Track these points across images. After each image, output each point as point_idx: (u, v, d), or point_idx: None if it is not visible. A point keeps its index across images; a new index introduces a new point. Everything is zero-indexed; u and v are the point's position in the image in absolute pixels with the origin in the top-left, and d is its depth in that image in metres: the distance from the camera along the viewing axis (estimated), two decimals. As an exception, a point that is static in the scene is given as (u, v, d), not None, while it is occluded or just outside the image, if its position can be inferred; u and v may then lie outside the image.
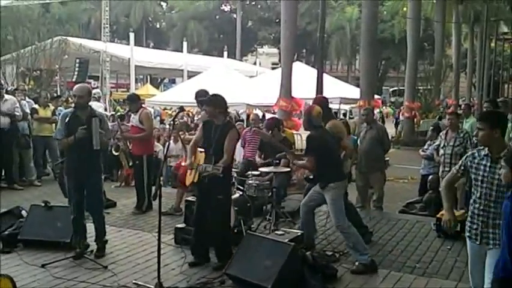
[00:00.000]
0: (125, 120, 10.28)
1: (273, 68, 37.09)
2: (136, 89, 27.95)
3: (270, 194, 6.96)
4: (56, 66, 20.77)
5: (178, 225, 6.49)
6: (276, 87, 14.51)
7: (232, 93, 14.72)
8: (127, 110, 10.79)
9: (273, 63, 51.21)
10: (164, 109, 23.91)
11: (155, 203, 7.78)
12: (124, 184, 10.19)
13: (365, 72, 17.15)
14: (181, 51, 32.04)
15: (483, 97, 28.18)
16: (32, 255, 5.87)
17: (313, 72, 15.50)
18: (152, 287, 4.90)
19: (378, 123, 9.44)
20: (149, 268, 5.51)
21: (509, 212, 3.24)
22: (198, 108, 8.47)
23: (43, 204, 6.47)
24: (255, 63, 43.39)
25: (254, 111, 17.17)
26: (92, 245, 6.03)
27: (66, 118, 5.79)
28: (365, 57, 17.29)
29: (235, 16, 52.41)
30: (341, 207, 5.67)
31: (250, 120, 10.95)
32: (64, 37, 23.43)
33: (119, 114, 13.28)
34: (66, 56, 21.59)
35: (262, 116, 16.98)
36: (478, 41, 35.16)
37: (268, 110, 18.80)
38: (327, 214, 6.02)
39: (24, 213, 6.68)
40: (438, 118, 20.78)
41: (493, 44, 35.30)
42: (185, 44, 31.83)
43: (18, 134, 9.68)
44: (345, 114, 23.48)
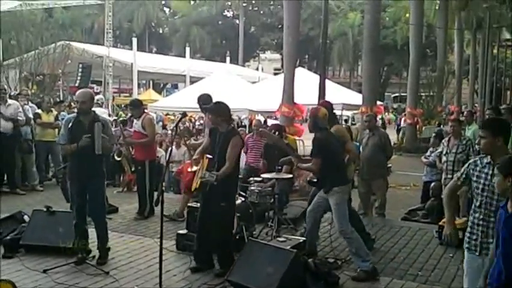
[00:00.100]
0: (128, 126, 10.30)
1: (275, 74, 37.16)
2: (138, 94, 28.06)
3: (272, 201, 6.96)
4: (59, 71, 20.84)
5: (180, 231, 6.47)
6: (279, 93, 14.50)
7: (235, 98, 14.74)
8: (129, 115, 10.79)
9: (276, 69, 51.34)
10: (167, 114, 23.94)
11: (157, 208, 7.79)
12: (126, 189, 10.18)
13: (367, 78, 17.12)
14: (184, 56, 32.16)
15: (485, 104, 28.25)
16: (34, 261, 5.86)
17: (315, 78, 15.50)
18: (154, 293, 4.91)
19: (381, 129, 9.43)
20: (151, 274, 5.51)
21: (504, 221, 3.22)
22: (202, 113, 8.46)
23: (45, 209, 6.46)
24: (257, 68, 43.41)
25: (256, 116, 17.16)
26: (95, 250, 6.02)
27: (69, 123, 5.81)
28: (367, 63, 17.26)
29: (238, 22, 52.56)
30: (345, 212, 5.64)
31: (252, 126, 10.96)
32: (67, 42, 23.50)
33: (122, 119, 13.29)
34: (69, 60, 21.66)
35: (264, 121, 16.98)
36: (480, 48, 35.30)
37: (270, 116, 18.80)
38: (330, 220, 5.99)
39: (26, 218, 6.67)
40: (437, 124, 20.79)
41: (495, 51, 35.36)
42: (187, 49, 31.94)
43: (20, 139, 9.69)
44: (346, 121, 23.48)
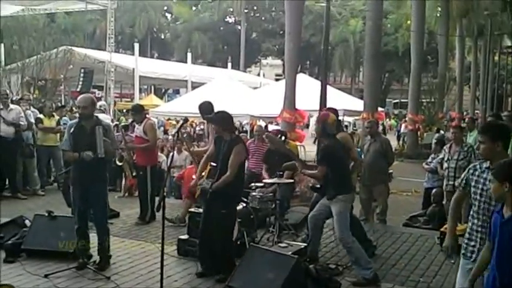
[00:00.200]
0: (130, 131, 10.31)
1: (276, 80, 37.22)
2: (140, 99, 28.09)
3: (273, 206, 6.95)
4: (61, 76, 20.86)
5: (182, 237, 6.47)
6: (280, 99, 14.53)
7: (236, 104, 14.80)
8: (131, 120, 10.82)
9: (277, 75, 51.47)
10: (168, 119, 23.98)
11: (159, 213, 7.78)
12: (127, 194, 10.19)
13: (369, 85, 17.15)
14: (186, 62, 32.17)
15: (487, 110, 28.26)
16: (35, 265, 5.86)
17: (317, 84, 15.52)
18: (155, 298, 4.91)
19: (382, 135, 9.44)
20: (152, 279, 5.50)
21: (499, 226, 3.20)
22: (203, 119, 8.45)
23: (47, 214, 6.46)
24: (258, 74, 43.55)
25: (258, 122, 17.18)
26: (96, 256, 5.99)
27: (71, 129, 5.81)
28: (368, 69, 17.31)
29: (240, 27, 52.66)
30: (347, 221, 5.61)
31: (254, 131, 10.96)
32: (69, 47, 23.56)
33: (124, 124, 13.31)
34: (71, 65, 21.68)
35: (265, 127, 16.98)
36: (481, 55, 35.37)
37: (272, 122, 18.81)
38: (332, 226, 5.97)
39: (27, 222, 6.68)
40: (436, 130, 20.77)
41: (496, 58, 35.42)
42: (189, 54, 31.97)
43: (22, 144, 9.70)
44: (347, 127, 23.46)
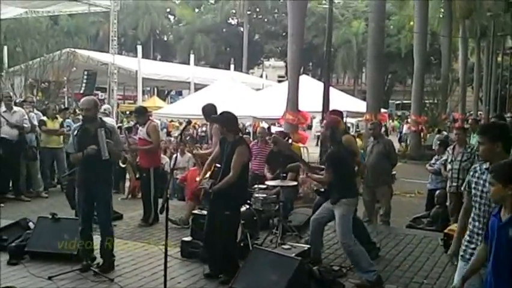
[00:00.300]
0: (133, 133, 10.33)
1: (279, 81, 37.19)
2: (143, 101, 28.09)
3: (276, 208, 6.94)
4: (64, 78, 20.86)
5: (185, 238, 6.47)
6: (283, 100, 14.51)
7: (239, 105, 14.78)
8: (134, 122, 10.84)
9: (280, 76, 51.39)
10: (171, 121, 23.99)
11: (162, 215, 7.79)
12: (130, 196, 10.21)
13: (372, 86, 17.13)
14: (188, 63, 32.22)
15: (490, 111, 28.22)
16: (39, 267, 5.87)
17: (319, 85, 15.50)
18: (159, 300, 4.90)
19: (385, 137, 9.43)
20: (156, 281, 5.50)
21: (497, 229, 3.19)
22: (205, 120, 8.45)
23: (50, 216, 6.47)
24: (261, 76, 43.52)
25: (260, 124, 17.17)
26: (100, 258, 5.99)
27: (75, 131, 5.82)
28: (371, 70, 17.28)
29: (242, 29, 52.72)
30: (349, 224, 5.60)
31: (257, 133, 10.96)
32: (72, 49, 23.55)
33: (127, 126, 13.34)
34: (74, 68, 21.68)
35: (267, 128, 16.97)
36: (484, 56, 35.31)
37: (274, 123, 18.80)
38: (335, 228, 5.96)
39: (31, 224, 6.69)
40: (437, 131, 20.73)
41: (499, 59, 35.39)
42: (192, 56, 32.01)
43: (25, 146, 9.73)
44: (349, 128, 23.44)
